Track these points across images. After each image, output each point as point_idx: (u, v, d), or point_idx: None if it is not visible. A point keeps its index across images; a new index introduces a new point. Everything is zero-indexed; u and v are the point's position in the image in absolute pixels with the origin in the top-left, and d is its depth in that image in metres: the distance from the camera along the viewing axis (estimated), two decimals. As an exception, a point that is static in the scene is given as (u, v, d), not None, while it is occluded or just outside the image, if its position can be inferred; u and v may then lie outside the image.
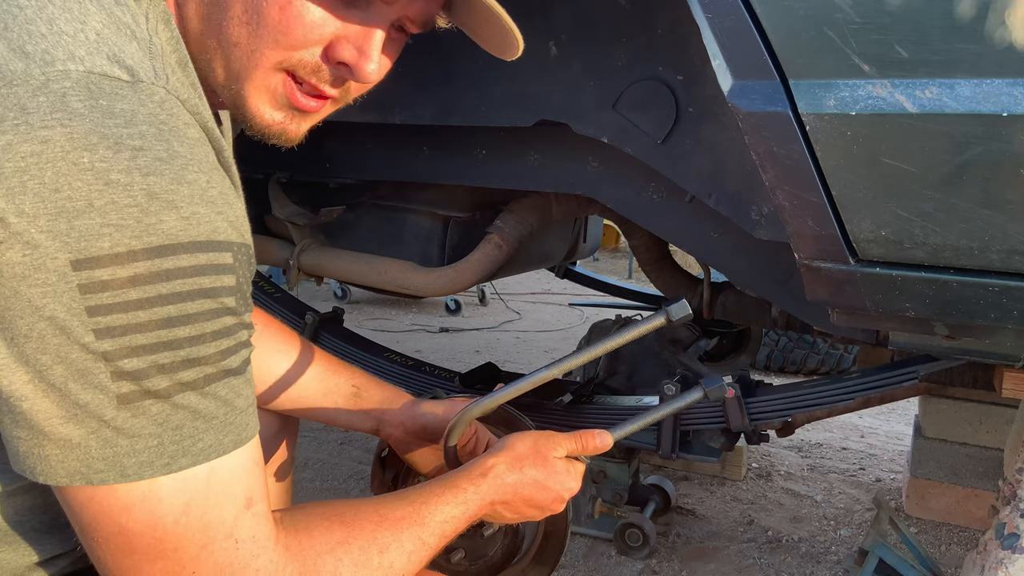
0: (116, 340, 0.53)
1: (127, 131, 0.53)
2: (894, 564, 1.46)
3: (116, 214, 0.51)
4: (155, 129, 0.54)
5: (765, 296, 1.53)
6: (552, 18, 1.34)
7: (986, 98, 0.76)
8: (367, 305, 5.62)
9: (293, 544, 0.64)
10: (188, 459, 0.57)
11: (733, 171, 1.28)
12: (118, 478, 0.55)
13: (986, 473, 2.18)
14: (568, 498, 0.90)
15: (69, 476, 0.55)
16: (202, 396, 0.57)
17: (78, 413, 0.53)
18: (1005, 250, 0.87)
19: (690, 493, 2.36)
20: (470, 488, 0.82)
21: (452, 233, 1.84)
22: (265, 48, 0.65)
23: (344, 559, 0.67)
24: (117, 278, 0.52)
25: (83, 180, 0.51)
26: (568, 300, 5.80)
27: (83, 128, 0.51)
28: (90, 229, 0.51)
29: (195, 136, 0.58)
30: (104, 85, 0.53)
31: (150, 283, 0.53)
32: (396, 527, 0.72)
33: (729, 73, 0.85)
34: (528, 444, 0.87)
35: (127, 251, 0.52)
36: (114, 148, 0.52)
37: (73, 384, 0.53)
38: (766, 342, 3.88)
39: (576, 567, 1.90)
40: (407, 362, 2.06)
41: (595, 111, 1.35)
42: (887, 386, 1.54)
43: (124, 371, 0.53)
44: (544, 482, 0.86)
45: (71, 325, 0.52)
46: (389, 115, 1.50)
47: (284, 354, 1.01)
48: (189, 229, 0.54)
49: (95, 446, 0.54)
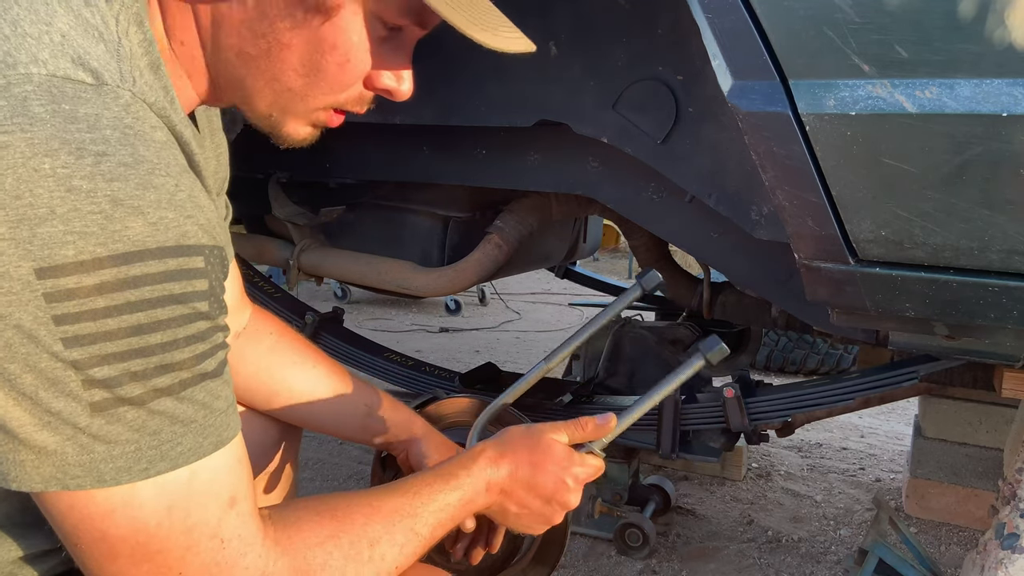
0: (85, 349, 0.52)
1: (90, 136, 0.52)
2: (894, 564, 1.46)
3: (79, 221, 0.50)
4: (119, 133, 0.53)
5: (765, 296, 1.53)
6: (552, 18, 1.34)
7: (986, 98, 0.76)
8: (367, 305, 5.62)
9: (283, 539, 0.64)
10: (167, 463, 0.56)
11: (733, 171, 1.28)
12: (95, 483, 0.54)
13: (986, 473, 2.17)
14: (576, 486, 0.86)
15: (44, 482, 0.54)
16: (178, 401, 0.56)
17: (51, 420, 0.53)
18: (1005, 250, 0.87)
19: (690, 493, 2.36)
20: (462, 473, 0.81)
21: (452, 233, 1.84)
22: (320, 95, 0.68)
23: (334, 552, 0.67)
24: (83, 286, 0.51)
25: (44, 187, 0.50)
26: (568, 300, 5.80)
27: (44, 133, 0.50)
28: (53, 237, 0.50)
29: (161, 139, 0.57)
30: (67, 89, 0.52)
31: (118, 290, 0.52)
32: (388, 519, 0.72)
33: (729, 73, 0.85)
34: (521, 429, 0.87)
35: (92, 259, 0.51)
36: (76, 154, 0.51)
37: (44, 393, 0.52)
38: (766, 342, 3.88)
39: (576, 567, 1.90)
40: (407, 362, 2.05)
41: (595, 111, 1.35)
42: (887, 386, 1.53)
43: (95, 379, 0.53)
44: (539, 462, 0.84)
45: (38, 334, 0.51)
46: (390, 115, 1.50)
47: (298, 366, 1.00)
48: (156, 235, 0.53)
49: (71, 452, 0.53)
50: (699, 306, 2.05)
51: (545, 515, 0.87)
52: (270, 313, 1.03)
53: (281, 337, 1.00)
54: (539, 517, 0.87)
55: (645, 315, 2.51)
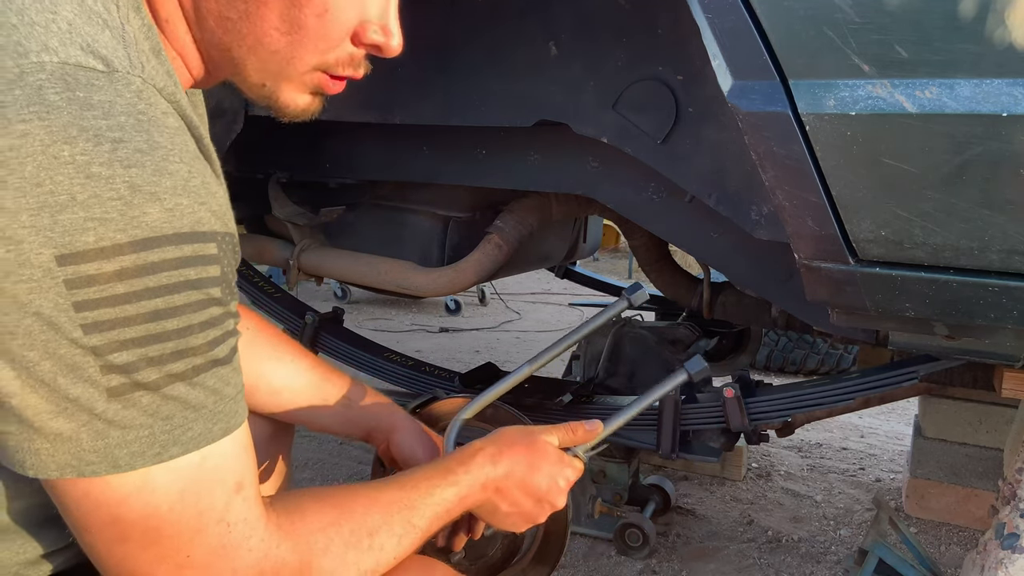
0: (105, 334, 0.53)
1: (106, 123, 0.52)
2: (894, 564, 1.46)
3: (99, 208, 0.51)
4: (134, 120, 0.54)
5: (765, 296, 1.53)
6: (552, 18, 1.34)
7: (986, 98, 0.76)
8: (367, 305, 5.62)
9: (285, 523, 0.66)
10: (179, 448, 0.57)
11: (733, 171, 1.28)
12: (110, 469, 0.55)
13: (986, 473, 2.17)
14: (565, 488, 0.90)
15: (60, 469, 0.55)
16: (191, 386, 0.57)
17: (68, 407, 0.53)
18: (1005, 250, 0.87)
19: (690, 493, 2.36)
20: (460, 470, 0.82)
21: (452, 233, 1.84)
22: (305, 55, 0.67)
23: (335, 538, 0.68)
24: (103, 272, 0.52)
25: (64, 174, 0.50)
26: (568, 300, 5.80)
27: (61, 121, 0.50)
28: (74, 224, 0.50)
29: (174, 125, 0.57)
30: (80, 76, 0.52)
31: (136, 276, 0.53)
32: (386, 510, 0.74)
33: (729, 73, 0.85)
34: (516, 430, 0.89)
35: (112, 245, 0.52)
36: (94, 140, 0.51)
37: (63, 379, 0.53)
38: (766, 342, 3.88)
39: (576, 567, 1.90)
40: (407, 362, 2.05)
41: (595, 111, 1.35)
42: (887, 386, 1.53)
43: (114, 364, 0.53)
44: (535, 462, 0.87)
45: (59, 321, 0.51)
46: (389, 115, 1.50)
47: (276, 360, 1.00)
48: (173, 221, 0.54)
49: (86, 438, 0.54)
50: (699, 306, 2.05)
51: (533, 515, 0.89)
52: (247, 308, 1.03)
53: (258, 332, 1.00)
54: (527, 516, 0.89)
55: (645, 315, 2.51)
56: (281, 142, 1.79)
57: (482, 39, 1.40)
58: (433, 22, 1.41)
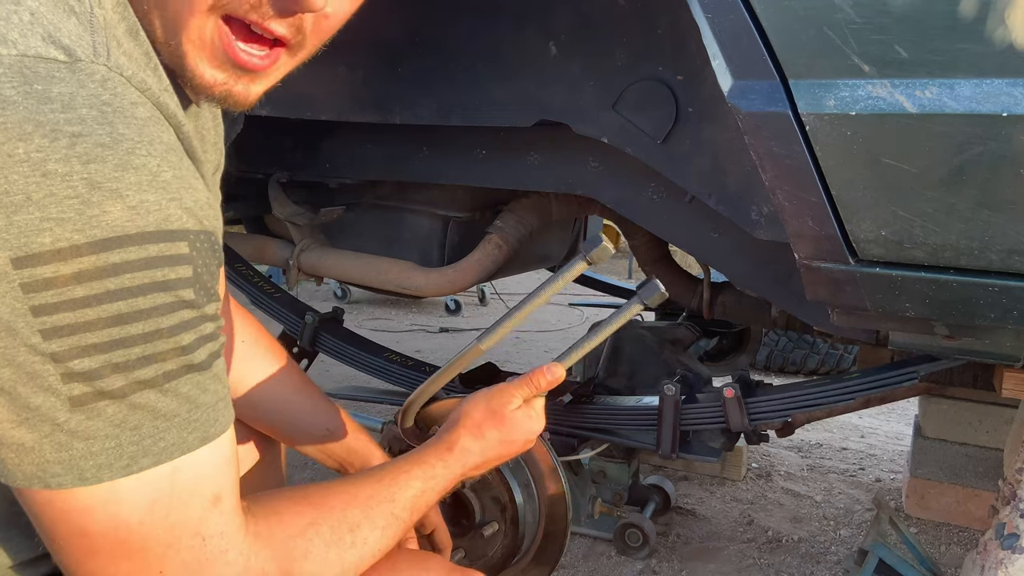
0: (65, 340, 0.50)
1: (64, 116, 0.49)
2: (894, 564, 1.46)
3: (56, 207, 0.48)
4: (96, 112, 0.51)
5: (765, 296, 1.53)
6: (552, 18, 1.34)
7: (986, 98, 0.76)
8: (367, 305, 5.62)
9: (263, 531, 0.64)
10: (149, 459, 0.55)
11: (733, 171, 1.28)
12: (76, 482, 0.53)
13: (986, 473, 2.17)
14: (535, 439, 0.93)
15: (27, 480, 0.53)
16: (162, 394, 0.54)
17: (30, 417, 0.51)
18: (1005, 250, 0.87)
19: (690, 493, 2.36)
20: (438, 464, 0.84)
21: (452, 233, 1.84)
22: None
23: (315, 540, 0.67)
24: (61, 275, 0.49)
25: (19, 172, 0.48)
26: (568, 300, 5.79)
27: (16, 117, 0.48)
28: (29, 224, 0.48)
29: (144, 115, 0.54)
30: (39, 68, 0.49)
31: (97, 279, 0.50)
32: (366, 505, 0.73)
33: (729, 73, 0.85)
34: (482, 408, 0.89)
35: (69, 246, 0.49)
36: (50, 136, 0.48)
37: (22, 387, 0.50)
38: (766, 342, 3.88)
39: (576, 567, 1.90)
40: (407, 362, 2.05)
41: (595, 111, 1.35)
42: (887, 386, 1.53)
43: (75, 372, 0.51)
44: (508, 437, 0.89)
45: (16, 326, 0.49)
46: (389, 115, 1.50)
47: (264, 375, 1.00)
48: (136, 219, 0.51)
49: (49, 450, 0.52)
50: (699, 306, 2.05)
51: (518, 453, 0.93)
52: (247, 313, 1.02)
53: (255, 346, 0.99)
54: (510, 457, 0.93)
55: (645, 315, 2.51)
56: (281, 142, 1.79)
57: (482, 39, 1.40)
58: (433, 22, 1.41)
